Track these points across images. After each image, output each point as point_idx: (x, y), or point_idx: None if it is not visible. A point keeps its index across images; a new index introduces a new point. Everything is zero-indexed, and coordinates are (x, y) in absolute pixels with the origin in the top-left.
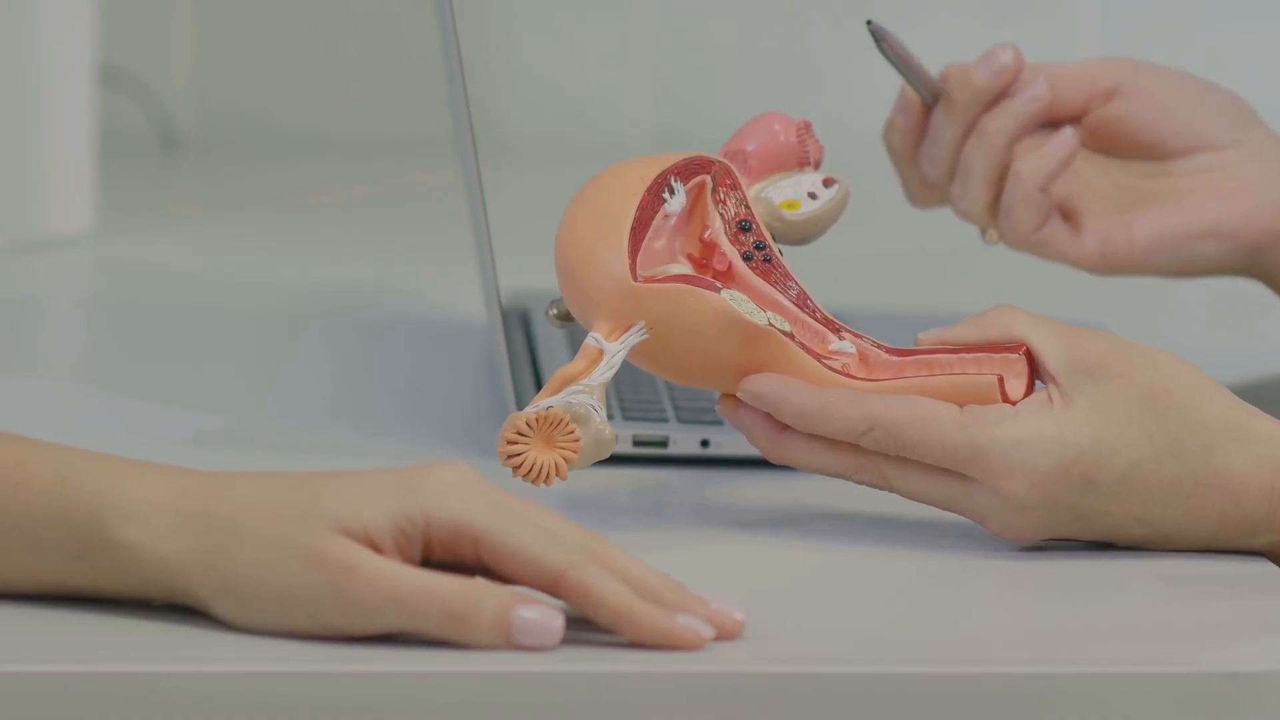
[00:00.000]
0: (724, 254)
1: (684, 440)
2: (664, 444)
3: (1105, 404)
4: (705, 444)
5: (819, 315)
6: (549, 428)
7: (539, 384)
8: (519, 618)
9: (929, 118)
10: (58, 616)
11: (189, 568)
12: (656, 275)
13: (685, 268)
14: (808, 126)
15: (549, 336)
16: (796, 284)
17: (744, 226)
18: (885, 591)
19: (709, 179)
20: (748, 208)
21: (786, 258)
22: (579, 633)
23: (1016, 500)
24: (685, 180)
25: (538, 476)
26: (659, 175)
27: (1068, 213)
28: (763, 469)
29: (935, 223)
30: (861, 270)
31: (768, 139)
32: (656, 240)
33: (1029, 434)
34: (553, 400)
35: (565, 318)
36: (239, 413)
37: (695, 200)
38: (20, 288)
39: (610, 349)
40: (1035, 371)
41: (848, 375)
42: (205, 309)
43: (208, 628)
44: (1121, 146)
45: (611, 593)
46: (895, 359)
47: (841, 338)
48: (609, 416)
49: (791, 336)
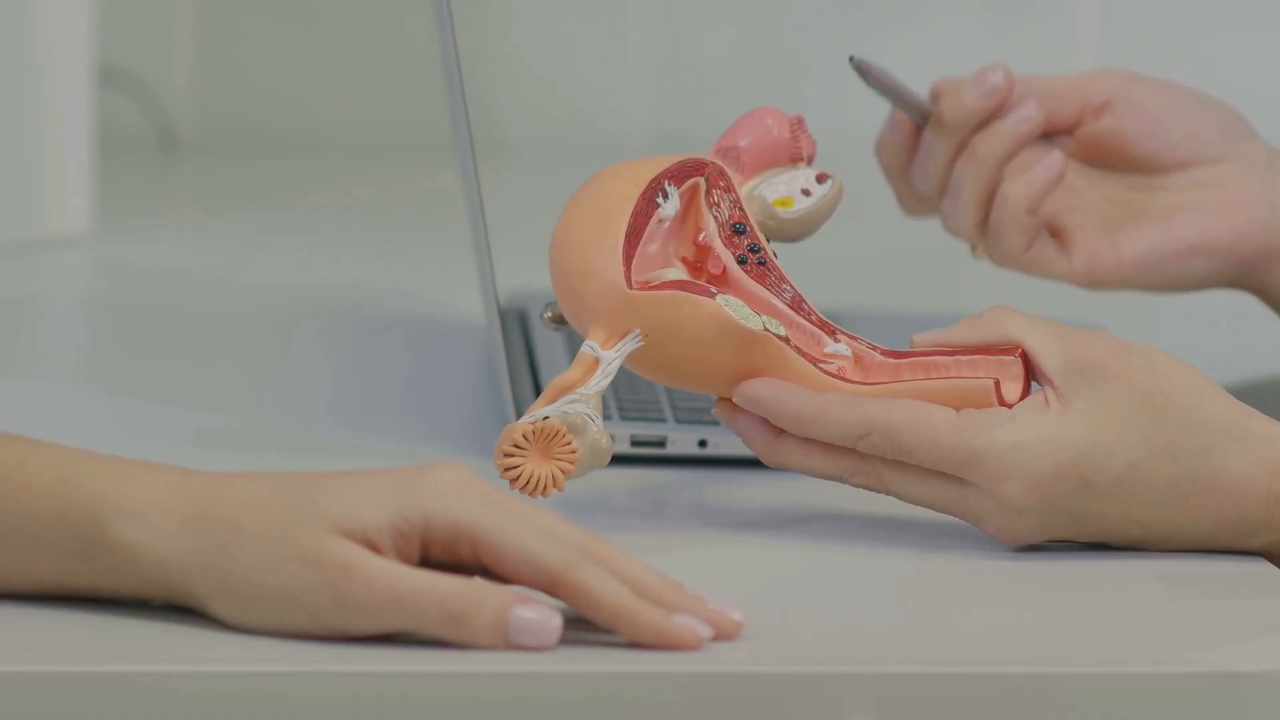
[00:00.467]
0: (718, 257)
1: (682, 440)
2: (662, 444)
3: (1102, 405)
4: (703, 444)
5: (814, 318)
6: (546, 439)
7: (537, 384)
8: (517, 618)
9: (920, 135)
10: (58, 616)
11: (188, 568)
12: (651, 281)
13: (680, 272)
14: (801, 121)
15: (547, 337)
16: (792, 286)
17: (738, 229)
18: (884, 591)
19: (703, 181)
20: (742, 210)
21: (781, 258)
22: (577, 633)
23: (1014, 503)
24: (679, 183)
25: (535, 488)
26: (653, 180)
27: (1056, 230)
28: (760, 469)
29: (932, 223)
30: (858, 271)
31: (761, 134)
32: (651, 245)
33: (1026, 437)
34: (549, 410)
35: (560, 321)
36: (238, 413)
37: (689, 203)
38: (19, 288)
39: (606, 357)
40: (1032, 373)
41: (843, 379)
42: (205, 309)
43: (207, 628)
44: (1113, 161)
45: (610, 593)
46: (891, 361)
47: (837, 340)
48: (606, 417)
49: (787, 340)
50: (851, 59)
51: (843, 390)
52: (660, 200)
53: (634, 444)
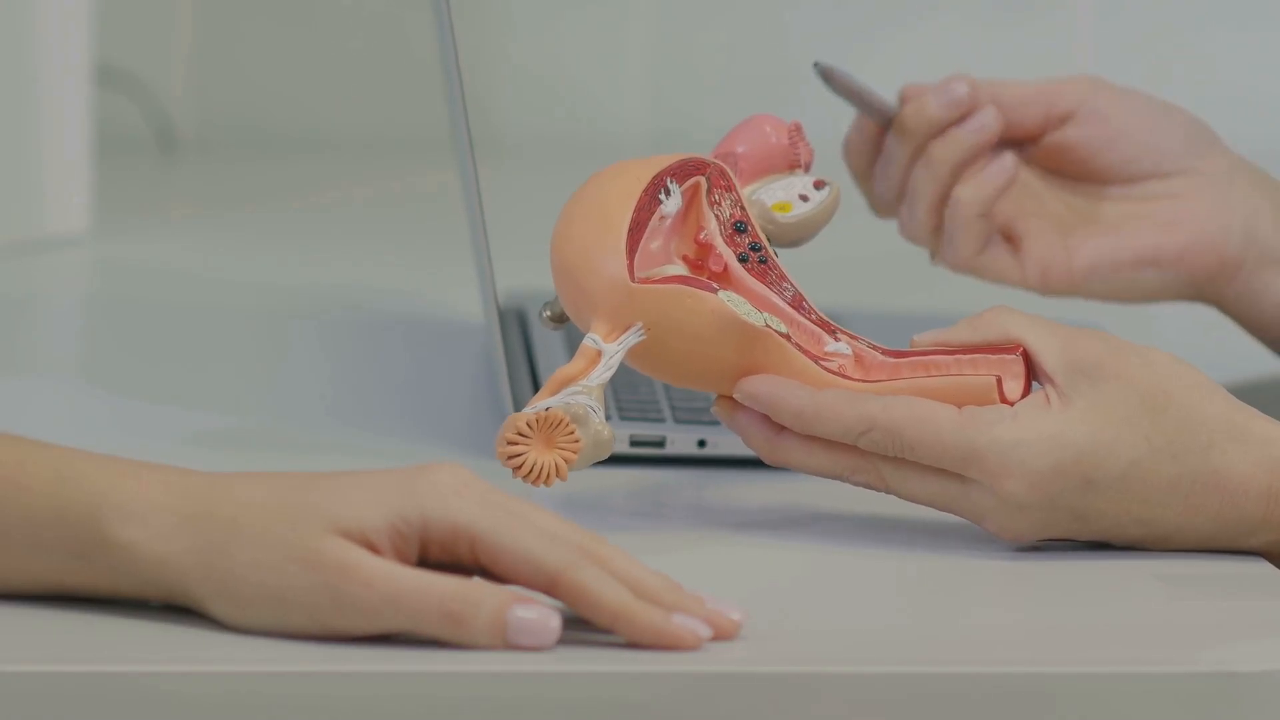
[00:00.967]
0: (719, 255)
1: (681, 440)
2: (661, 444)
3: (1103, 404)
4: (702, 444)
5: (814, 317)
6: (548, 428)
7: (536, 384)
8: (516, 618)
9: (883, 136)
10: (58, 616)
11: (187, 568)
12: (653, 276)
13: (681, 269)
14: (799, 129)
15: (546, 336)
16: (792, 285)
17: (739, 228)
18: (884, 591)
19: (704, 180)
20: (743, 209)
21: (781, 259)
22: (576, 633)
23: (1015, 500)
24: (680, 181)
25: (538, 477)
26: (655, 176)
27: (1011, 235)
28: (760, 469)
29: None
30: (858, 271)
31: (759, 141)
32: (652, 241)
33: (1028, 434)
34: (551, 401)
35: (558, 320)
36: (238, 413)
37: (690, 202)
38: (19, 288)
39: (608, 350)
40: (1032, 372)
41: (844, 376)
42: (204, 309)
43: (207, 628)
44: (1073, 171)
45: (609, 593)
46: (891, 360)
47: (837, 339)
48: (606, 417)
49: (788, 338)
50: (815, 65)
51: (844, 387)
52: (662, 197)
53: (633, 444)
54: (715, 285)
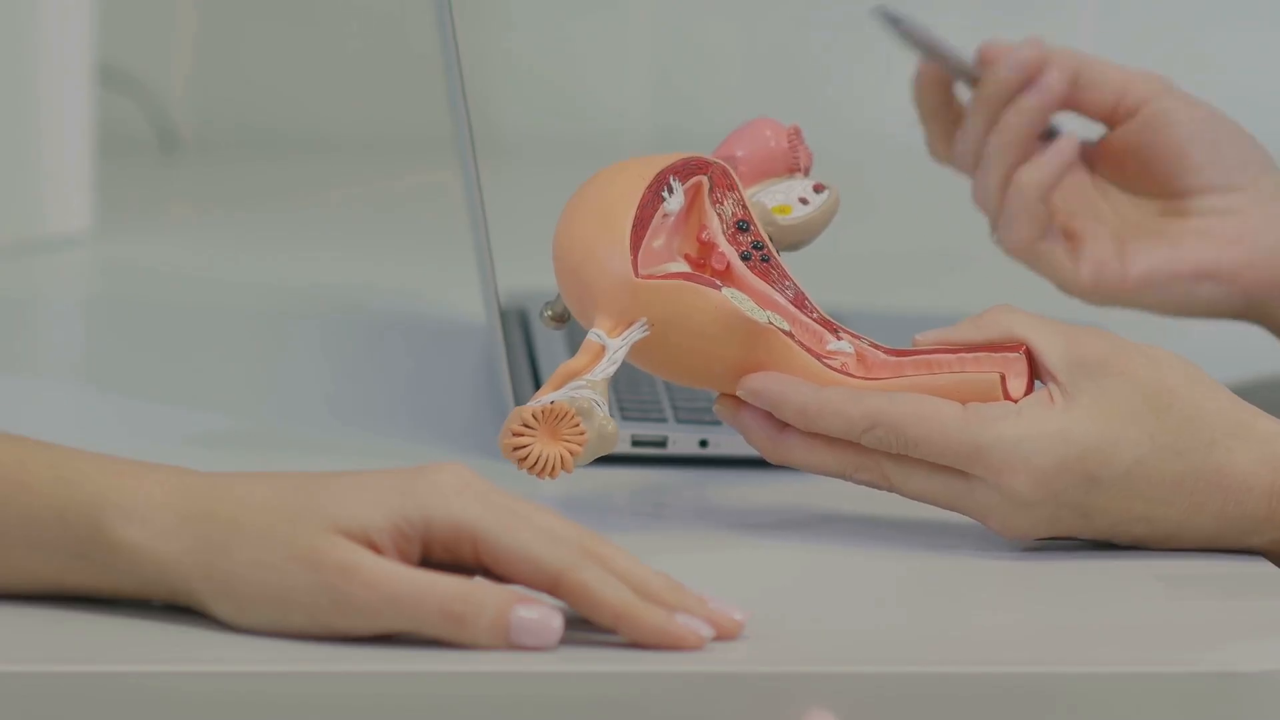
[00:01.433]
0: (722, 253)
1: (683, 440)
2: (663, 444)
3: (1107, 402)
4: (704, 444)
5: (816, 315)
6: (554, 421)
7: (537, 383)
8: (518, 618)
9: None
10: (58, 616)
11: (188, 567)
12: (656, 273)
13: (683, 267)
14: (798, 132)
15: (547, 336)
16: (794, 284)
17: (742, 227)
18: (885, 591)
19: (706, 180)
20: (745, 208)
21: (783, 258)
22: (578, 633)
23: (1019, 497)
24: (683, 180)
25: (543, 469)
26: (658, 174)
27: (1071, 234)
28: (762, 469)
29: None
30: (860, 270)
31: (758, 145)
32: (655, 239)
33: (1032, 431)
34: (555, 395)
35: (559, 319)
36: (238, 413)
37: (692, 201)
38: (20, 288)
39: (612, 345)
40: (1035, 371)
41: (847, 374)
42: (205, 309)
43: (207, 628)
44: (1134, 177)
45: (611, 593)
46: (894, 359)
47: (839, 338)
48: (610, 412)
49: (791, 335)
50: (880, 10)
51: (847, 385)
52: (665, 195)
53: (635, 444)
54: (719, 282)
